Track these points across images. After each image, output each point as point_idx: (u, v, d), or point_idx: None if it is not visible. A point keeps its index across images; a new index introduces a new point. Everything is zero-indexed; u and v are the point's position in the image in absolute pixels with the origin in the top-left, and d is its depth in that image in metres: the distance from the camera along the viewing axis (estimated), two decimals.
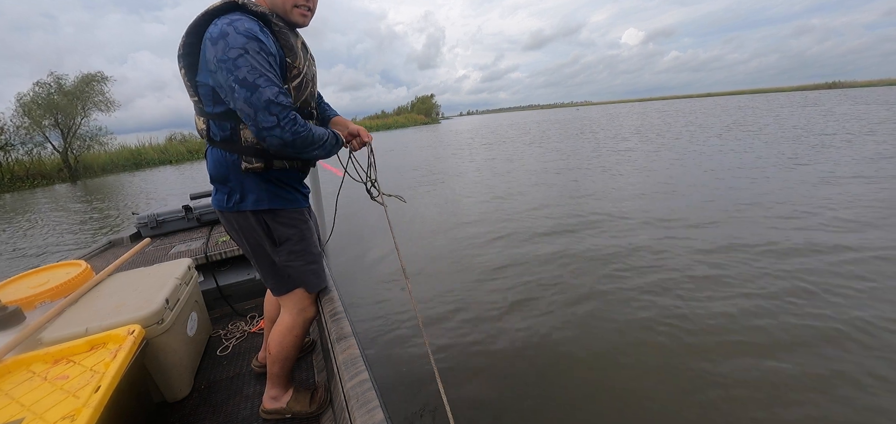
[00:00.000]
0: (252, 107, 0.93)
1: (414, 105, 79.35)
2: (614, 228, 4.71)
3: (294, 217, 1.23)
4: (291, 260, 1.24)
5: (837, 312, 2.66)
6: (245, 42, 0.92)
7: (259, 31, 0.96)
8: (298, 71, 1.09)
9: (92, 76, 22.20)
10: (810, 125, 14.69)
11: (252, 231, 1.19)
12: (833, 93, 62.58)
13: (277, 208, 1.18)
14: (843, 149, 9.05)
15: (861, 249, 3.60)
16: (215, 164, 1.14)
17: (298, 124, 0.99)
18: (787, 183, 6.29)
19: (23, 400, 1.00)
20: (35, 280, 1.72)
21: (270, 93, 0.93)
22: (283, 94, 0.96)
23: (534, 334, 2.67)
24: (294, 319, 1.32)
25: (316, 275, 1.31)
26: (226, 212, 1.18)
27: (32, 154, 20.59)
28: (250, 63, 0.92)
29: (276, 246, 1.22)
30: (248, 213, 1.16)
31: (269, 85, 0.93)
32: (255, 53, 0.93)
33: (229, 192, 1.14)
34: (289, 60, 1.05)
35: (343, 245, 4.88)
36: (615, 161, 9.74)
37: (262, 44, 0.95)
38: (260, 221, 1.18)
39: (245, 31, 0.93)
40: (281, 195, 1.18)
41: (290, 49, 1.06)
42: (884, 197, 5.18)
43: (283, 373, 1.38)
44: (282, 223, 1.20)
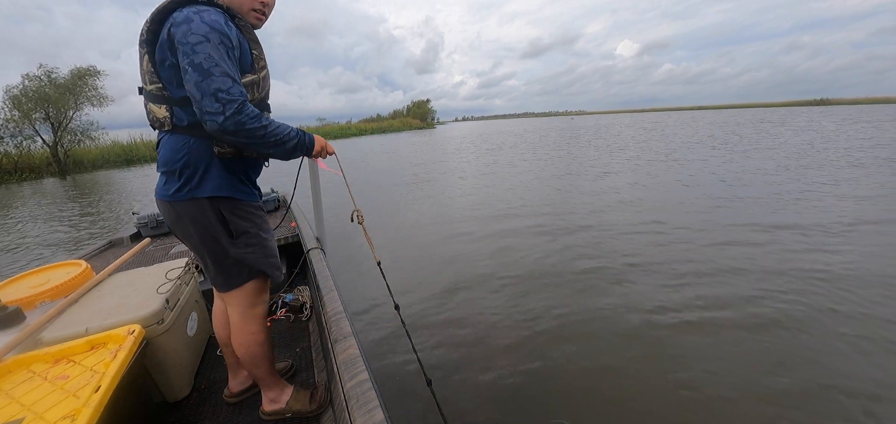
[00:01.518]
0: (200, 92, 0.95)
1: (409, 109, 79.29)
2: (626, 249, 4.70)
3: (251, 210, 1.21)
4: (248, 252, 1.20)
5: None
6: (207, 31, 0.96)
7: (224, 23, 1.00)
8: (264, 63, 1.15)
9: (84, 70, 22.02)
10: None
11: (205, 220, 1.13)
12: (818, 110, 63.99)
13: (236, 198, 1.16)
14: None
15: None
16: (174, 151, 1.09)
17: (245, 116, 0.97)
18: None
19: (23, 400, 1.00)
20: (35, 280, 1.72)
21: (221, 82, 0.94)
22: (235, 86, 0.97)
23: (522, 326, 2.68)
24: (243, 315, 1.28)
25: (274, 267, 1.27)
26: (175, 201, 1.11)
27: (21, 147, 20.34)
28: (208, 51, 0.95)
29: (232, 237, 1.17)
30: (203, 201, 1.11)
31: (223, 76, 0.95)
32: (216, 44, 0.96)
33: (185, 180, 1.10)
34: (255, 53, 1.11)
35: (342, 244, 4.88)
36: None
37: (224, 35, 0.98)
38: (216, 210, 1.13)
39: (210, 20, 0.97)
40: (241, 187, 1.17)
41: (255, 42, 1.12)
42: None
43: (267, 375, 1.36)
44: (239, 215, 1.17)
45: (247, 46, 1.09)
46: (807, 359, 2.30)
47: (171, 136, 1.10)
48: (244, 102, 0.98)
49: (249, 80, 1.10)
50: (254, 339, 1.30)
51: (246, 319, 1.28)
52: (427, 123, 75.32)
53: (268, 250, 1.25)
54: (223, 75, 0.95)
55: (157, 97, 1.08)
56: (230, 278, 1.24)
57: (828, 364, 2.27)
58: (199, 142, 1.09)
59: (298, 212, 3.19)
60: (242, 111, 0.97)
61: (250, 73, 1.10)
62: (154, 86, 1.06)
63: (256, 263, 1.23)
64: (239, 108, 0.96)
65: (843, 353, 2.34)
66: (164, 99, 1.07)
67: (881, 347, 2.38)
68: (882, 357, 2.29)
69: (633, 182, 8.07)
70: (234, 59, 1.01)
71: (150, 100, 1.10)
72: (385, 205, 7.26)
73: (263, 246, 1.24)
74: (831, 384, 2.10)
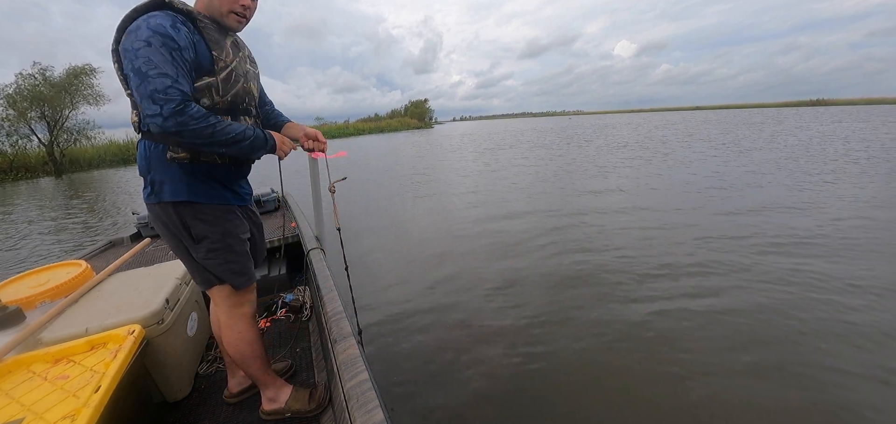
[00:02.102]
0: (139, 95, 0.96)
1: (407, 109, 79.17)
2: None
3: (216, 213, 1.18)
4: (209, 258, 1.18)
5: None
6: (150, 35, 0.96)
7: (169, 26, 0.99)
8: (225, 64, 1.12)
9: (80, 69, 21.94)
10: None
11: (171, 223, 1.15)
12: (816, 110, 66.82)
13: (196, 202, 1.14)
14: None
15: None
16: (140, 156, 1.13)
17: (187, 116, 0.96)
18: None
19: (23, 400, 1.00)
20: (35, 280, 1.73)
21: (158, 83, 0.94)
22: (174, 87, 0.95)
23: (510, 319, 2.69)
24: (229, 314, 1.27)
25: (236, 274, 1.23)
26: (149, 204, 1.15)
27: (17, 146, 20.32)
28: (148, 55, 0.95)
29: (194, 242, 1.17)
30: (167, 205, 1.12)
31: (159, 77, 0.94)
32: (158, 47, 0.96)
33: (152, 184, 1.12)
34: (214, 53, 1.09)
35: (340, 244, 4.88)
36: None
37: (167, 38, 0.97)
38: (178, 214, 1.13)
39: (154, 25, 0.97)
40: (202, 189, 1.14)
41: (216, 43, 1.10)
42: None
43: (261, 374, 1.36)
44: (201, 219, 1.15)
45: (205, 48, 1.07)
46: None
47: (140, 142, 1.13)
48: (184, 102, 0.96)
49: (206, 82, 1.08)
50: (242, 338, 1.30)
51: (233, 318, 1.28)
52: (425, 123, 75.30)
53: (231, 255, 1.21)
54: (160, 76, 0.94)
55: (132, 103, 1.10)
56: (203, 278, 1.23)
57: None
58: (156, 146, 1.10)
59: (298, 212, 3.19)
60: (184, 112, 0.95)
61: (208, 76, 1.08)
62: (127, 93, 1.08)
63: (215, 269, 1.20)
64: (177, 108, 0.95)
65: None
66: (134, 105, 1.09)
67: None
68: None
69: (632, 178, 8.11)
70: (182, 60, 1.00)
71: (133, 108, 1.12)
72: (385, 204, 7.27)
73: (226, 251, 1.20)
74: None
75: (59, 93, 20.83)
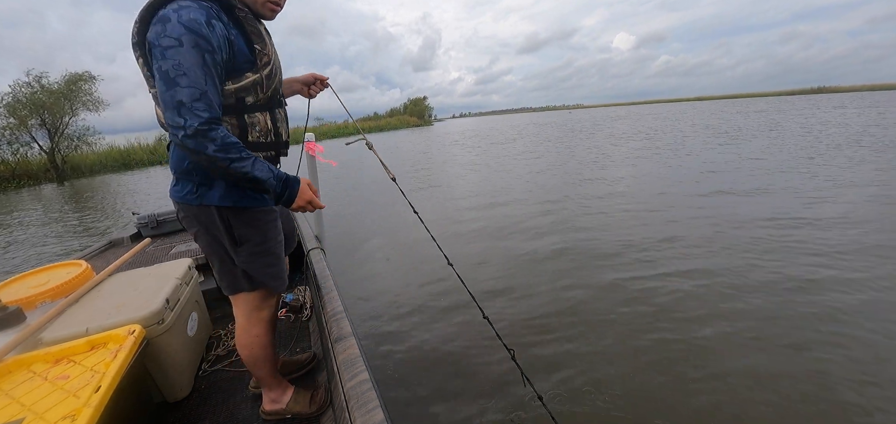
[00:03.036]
0: (164, 103, 0.87)
1: (406, 107, 79.12)
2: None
3: (258, 216, 1.15)
4: (251, 261, 1.17)
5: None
6: (182, 33, 0.86)
7: (204, 23, 0.89)
8: (268, 58, 1.06)
9: (79, 75, 22.00)
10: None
11: (213, 226, 1.11)
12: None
13: (242, 207, 1.11)
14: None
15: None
16: (180, 157, 1.07)
17: (209, 140, 0.87)
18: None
19: (23, 400, 1.00)
20: (35, 280, 1.73)
21: (186, 94, 0.85)
22: (203, 99, 0.87)
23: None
24: (248, 318, 1.27)
25: (275, 278, 1.23)
26: (188, 204, 1.10)
27: (18, 154, 20.42)
28: (178, 58, 0.85)
29: (236, 245, 1.14)
30: (210, 208, 1.08)
31: (189, 85, 0.85)
32: (189, 48, 0.86)
33: (193, 185, 1.08)
34: (257, 47, 1.03)
35: (342, 244, 4.88)
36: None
37: (200, 38, 0.88)
38: (223, 218, 1.10)
39: (187, 20, 0.87)
40: (248, 193, 1.11)
41: (257, 35, 1.04)
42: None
43: (268, 375, 1.36)
44: (245, 222, 1.13)
45: (242, 43, 1.00)
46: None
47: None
48: (210, 123, 0.88)
49: (251, 80, 1.02)
50: (258, 342, 1.29)
51: (251, 322, 1.27)
52: (424, 121, 75.25)
53: (271, 259, 1.21)
54: (190, 86, 0.85)
55: (158, 100, 1.02)
56: (232, 282, 1.21)
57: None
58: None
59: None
60: (207, 134, 0.87)
61: (251, 73, 1.02)
62: (155, 90, 1.00)
63: (257, 273, 1.19)
64: (201, 128, 0.86)
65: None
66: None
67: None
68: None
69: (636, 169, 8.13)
70: (214, 65, 0.91)
71: (156, 103, 1.06)
72: (388, 204, 7.27)
73: (267, 255, 1.19)
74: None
75: (59, 99, 20.90)
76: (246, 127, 1.06)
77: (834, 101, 42.24)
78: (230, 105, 1.02)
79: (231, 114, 1.03)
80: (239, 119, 1.04)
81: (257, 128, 1.08)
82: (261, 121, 1.09)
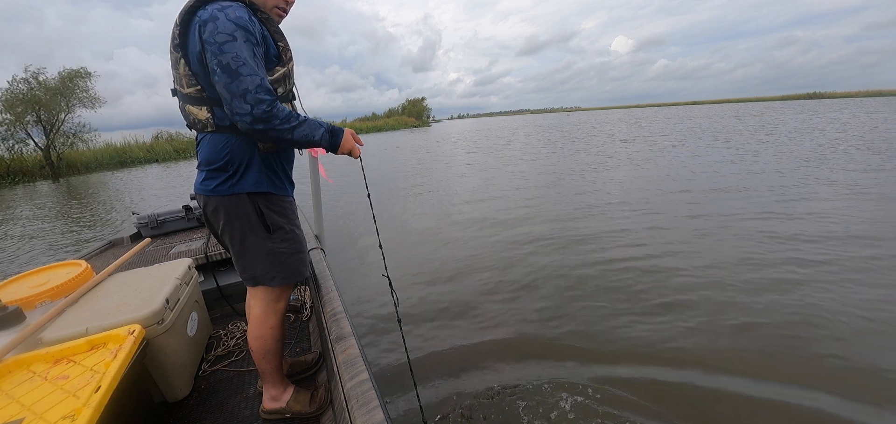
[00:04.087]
0: (230, 93, 0.96)
1: (404, 107, 79.22)
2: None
3: (285, 204, 1.25)
4: (282, 247, 1.24)
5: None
6: (234, 29, 0.96)
7: (248, 19, 1.00)
8: (291, 55, 1.16)
9: (75, 72, 21.91)
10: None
11: (245, 215, 1.17)
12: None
13: (273, 193, 1.20)
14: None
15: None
16: (216, 150, 1.12)
17: (275, 117, 1.00)
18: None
19: (23, 400, 1.00)
20: (35, 280, 1.72)
21: (249, 82, 0.95)
22: (262, 85, 0.98)
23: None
24: (266, 309, 1.31)
25: (303, 264, 1.32)
26: (217, 195, 1.15)
27: (14, 150, 20.36)
28: (235, 50, 0.95)
29: (269, 232, 1.21)
30: (242, 196, 1.15)
31: (250, 74, 0.96)
32: (243, 41, 0.96)
33: (227, 176, 1.13)
34: (281, 44, 1.12)
35: (342, 244, 4.88)
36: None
37: (249, 33, 0.98)
38: (255, 205, 1.17)
39: (235, 18, 0.98)
40: (276, 181, 1.21)
41: (279, 34, 1.13)
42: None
43: (274, 370, 1.37)
44: (275, 210, 1.21)
45: (271, 40, 1.10)
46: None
47: (213, 135, 1.13)
48: (273, 102, 0.99)
49: (281, 73, 1.12)
50: (272, 334, 1.32)
51: (268, 313, 1.31)
52: (422, 121, 75.28)
53: (299, 245, 1.29)
54: (251, 74, 0.96)
55: (196, 99, 1.09)
56: (259, 274, 1.25)
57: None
58: (240, 140, 1.12)
59: (298, 211, 3.19)
60: (271, 113, 0.98)
61: (279, 66, 1.12)
62: (192, 89, 1.08)
63: (288, 260, 1.25)
64: (268, 110, 0.98)
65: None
66: (204, 101, 1.09)
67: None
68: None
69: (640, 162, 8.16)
70: (260, 55, 1.02)
71: (188, 103, 1.11)
72: (393, 205, 7.27)
73: (296, 241, 1.28)
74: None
75: (54, 96, 20.81)
76: None
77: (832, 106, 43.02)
78: None
79: None
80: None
81: None
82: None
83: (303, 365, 1.66)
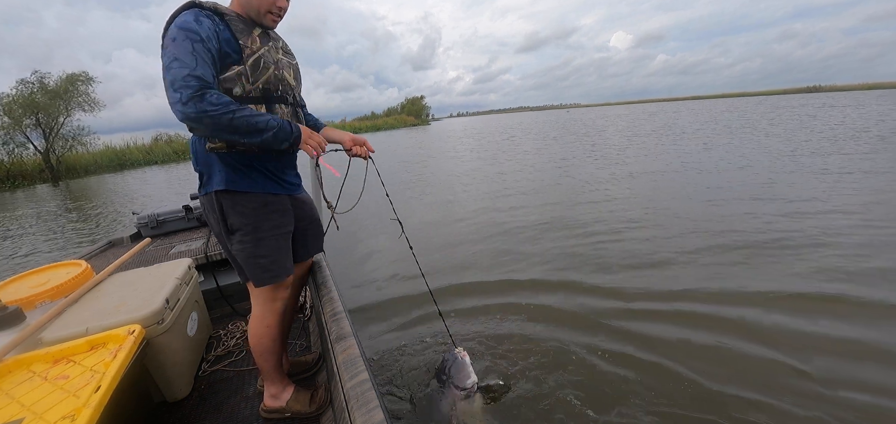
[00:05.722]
0: (166, 88, 1.00)
1: (404, 106, 79.11)
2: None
3: (252, 203, 1.18)
4: (241, 250, 1.20)
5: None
6: (176, 32, 1.02)
7: (192, 20, 1.04)
8: (252, 51, 1.14)
9: (76, 76, 21.99)
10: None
11: (212, 214, 1.21)
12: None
13: (235, 191, 1.16)
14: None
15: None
16: (192, 152, 1.21)
17: (206, 103, 0.97)
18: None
19: (23, 400, 1.00)
20: (35, 280, 1.72)
21: (176, 73, 0.97)
22: (192, 74, 0.97)
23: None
24: (262, 307, 1.30)
25: (263, 269, 1.22)
26: (200, 196, 1.23)
27: (13, 154, 20.41)
28: (173, 51, 1.00)
29: (229, 233, 1.21)
30: (211, 195, 1.18)
31: (180, 66, 0.98)
32: (181, 41, 1.01)
33: (201, 176, 1.20)
34: (241, 42, 1.12)
35: (342, 244, 4.88)
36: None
37: (189, 31, 1.02)
38: (218, 204, 1.17)
39: (180, 23, 1.03)
40: (241, 179, 1.16)
41: (241, 32, 1.13)
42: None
43: (273, 369, 1.37)
44: (237, 210, 1.17)
45: (230, 36, 1.10)
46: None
47: (192, 138, 1.19)
48: (202, 89, 0.98)
49: (235, 71, 1.11)
50: (268, 333, 1.33)
51: (264, 312, 1.31)
52: (422, 120, 75.15)
53: (260, 248, 1.20)
54: (180, 66, 0.98)
55: None
56: (240, 271, 1.31)
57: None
58: (200, 140, 1.16)
59: None
60: (202, 98, 0.97)
61: (235, 65, 1.11)
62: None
63: (244, 263, 1.22)
64: (195, 94, 0.97)
65: None
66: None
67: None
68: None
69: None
70: (205, 51, 1.02)
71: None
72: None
73: (256, 244, 1.19)
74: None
75: (54, 99, 20.85)
76: None
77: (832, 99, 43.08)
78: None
79: None
80: None
81: None
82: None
83: (303, 365, 1.66)
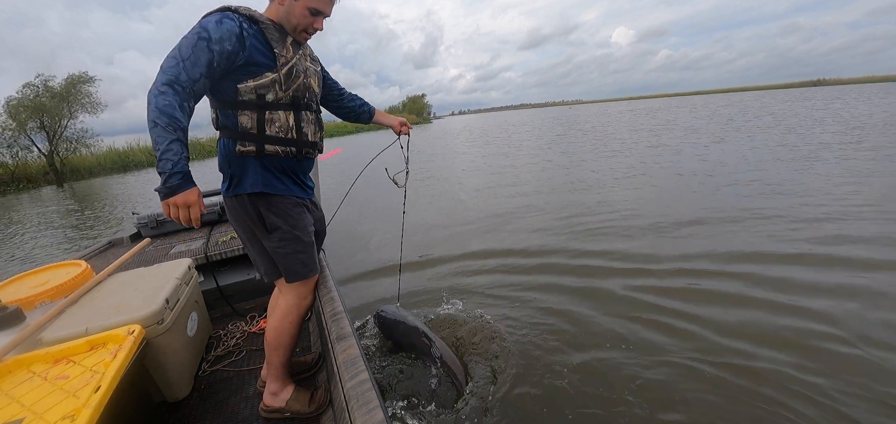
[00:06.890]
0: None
1: (405, 105, 79.34)
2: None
3: (286, 205, 1.26)
4: (280, 248, 1.27)
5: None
6: (198, 30, 1.03)
7: (214, 22, 1.05)
8: (286, 60, 1.17)
9: (78, 77, 22.02)
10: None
11: (247, 215, 1.24)
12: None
13: (270, 194, 1.22)
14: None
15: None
16: (219, 152, 1.22)
17: (159, 94, 0.95)
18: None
19: (23, 400, 1.00)
20: (35, 280, 1.72)
21: (167, 62, 0.99)
22: (175, 69, 0.97)
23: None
24: (290, 304, 1.35)
25: (305, 264, 1.32)
26: (226, 197, 1.25)
27: (17, 157, 20.47)
28: (181, 41, 1.01)
29: (267, 232, 1.26)
30: (243, 197, 1.21)
31: (173, 58, 0.99)
32: (191, 38, 1.02)
33: (230, 178, 1.21)
34: (276, 50, 1.15)
35: (342, 244, 4.88)
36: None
37: (203, 30, 1.02)
38: (253, 206, 1.22)
39: (202, 23, 1.05)
40: (273, 182, 1.22)
41: (276, 40, 1.16)
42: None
43: (281, 364, 1.38)
44: (273, 211, 1.24)
45: (262, 44, 1.13)
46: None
47: (220, 140, 1.21)
48: (170, 83, 0.96)
49: (270, 79, 1.14)
50: (291, 328, 1.36)
51: (293, 306, 1.35)
52: (423, 118, 75.25)
53: (298, 245, 1.29)
54: (173, 58, 0.99)
55: (210, 103, 1.20)
56: (272, 269, 1.35)
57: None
58: (231, 142, 1.17)
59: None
60: (158, 92, 0.95)
61: (270, 72, 1.14)
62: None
63: (284, 259, 1.28)
64: (161, 83, 0.96)
65: None
66: (213, 103, 1.18)
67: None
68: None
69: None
70: (208, 49, 1.02)
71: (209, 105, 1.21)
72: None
73: (296, 242, 1.28)
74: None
75: (58, 102, 20.90)
76: (264, 121, 1.17)
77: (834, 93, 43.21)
78: (250, 100, 1.14)
79: (251, 108, 1.15)
80: (258, 113, 1.16)
81: (277, 125, 1.19)
82: (281, 119, 1.19)
83: (303, 365, 1.66)
